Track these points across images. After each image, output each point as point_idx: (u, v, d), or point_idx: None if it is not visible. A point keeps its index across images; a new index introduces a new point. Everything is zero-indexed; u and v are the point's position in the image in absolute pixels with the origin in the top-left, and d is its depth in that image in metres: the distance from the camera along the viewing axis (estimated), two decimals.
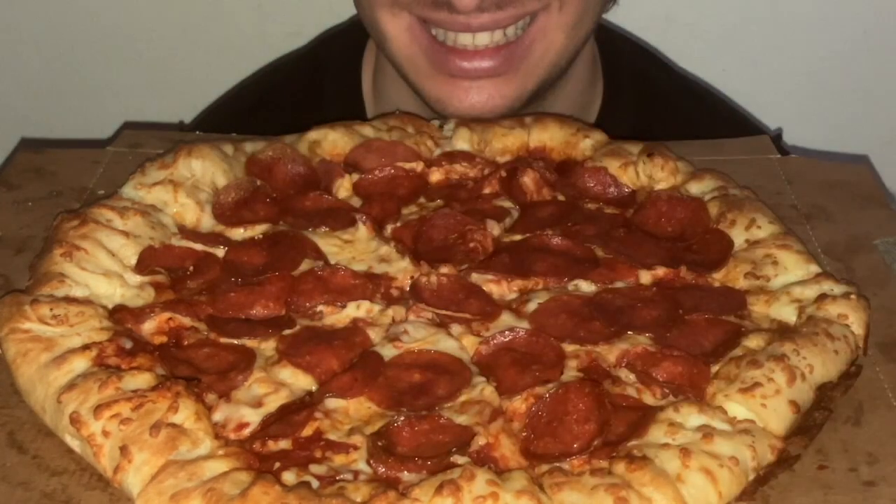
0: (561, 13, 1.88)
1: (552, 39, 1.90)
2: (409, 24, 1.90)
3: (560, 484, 1.13)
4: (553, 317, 1.39)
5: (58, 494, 1.18)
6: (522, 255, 1.50)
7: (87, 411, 1.19)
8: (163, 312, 1.36)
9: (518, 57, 1.89)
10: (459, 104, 1.88)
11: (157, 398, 1.19)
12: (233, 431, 1.22)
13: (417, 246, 1.52)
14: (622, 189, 1.65)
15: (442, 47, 1.89)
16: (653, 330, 1.37)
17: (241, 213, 1.56)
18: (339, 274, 1.45)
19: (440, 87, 1.91)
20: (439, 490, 1.10)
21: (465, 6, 1.78)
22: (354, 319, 1.40)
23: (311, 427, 1.22)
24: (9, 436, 1.25)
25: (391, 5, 1.89)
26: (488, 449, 1.20)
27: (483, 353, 1.34)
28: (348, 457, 1.19)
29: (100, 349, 1.27)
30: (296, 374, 1.30)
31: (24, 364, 1.28)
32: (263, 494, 1.09)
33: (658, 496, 1.13)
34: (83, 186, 1.67)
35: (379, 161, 1.67)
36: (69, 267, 1.39)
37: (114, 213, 1.48)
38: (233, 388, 1.27)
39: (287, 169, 1.65)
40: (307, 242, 1.51)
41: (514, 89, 1.91)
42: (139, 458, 1.15)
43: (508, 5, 1.83)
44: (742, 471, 1.17)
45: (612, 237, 1.54)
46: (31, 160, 1.73)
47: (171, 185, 1.55)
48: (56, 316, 1.31)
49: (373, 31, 2.00)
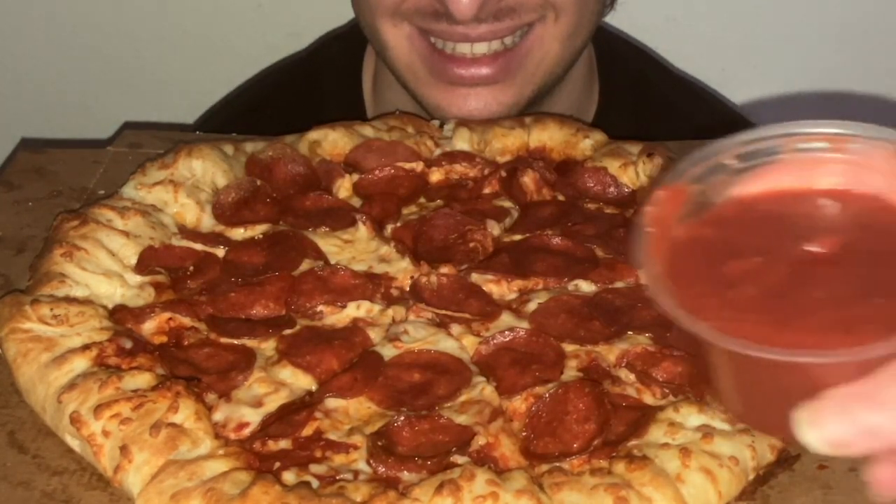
0: (556, 24, 1.91)
1: (548, 49, 1.94)
2: (409, 34, 1.93)
3: (560, 484, 1.13)
4: (553, 317, 1.39)
5: (58, 494, 1.18)
6: (522, 255, 1.50)
7: (88, 411, 1.19)
8: (163, 312, 1.36)
9: (515, 65, 1.92)
10: (458, 111, 1.91)
11: (157, 398, 1.20)
12: (233, 431, 1.22)
13: (417, 246, 1.52)
14: (622, 189, 1.65)
15: (441, 55, 1.92)
16: (653, 330, 1.37)
17: (241, 213, 1.56)
18: (340, 274, 1.45)
19: (439, 94, 1.94)
20: (439, 490, 1.10)
21: (464, 17, 1.81)
22: (354, 319, 1.40)
23: (311, 427, 1.22)
24: (9, 436, 1.25)
25: (392, 15, 1.92)
26: (488, 449, 1.20)
27: (483, 352, 1.34)
28: (348, 457, 1.19)
29: (100, 349, 1.27)
30: (296, 373, 1.30)
31: (24, 364, 1.28)
32: (263, 494, 1.10)
33: (658, 496, 1.13)
34: (83, 186, 1.67)
35: (379, 161, 1.67)
36: (69, 267, 1.39)
37: (114, 213, 1.48)
38: (233, 388, 1.27)
39: (287, 169, 1.65)
40: (307, 242, 1.51)
41: (511, 96, 1.94)
42: (139, 457, 1.15)
43: (506, 16, 1.87)
44: (742, 470, 1.17)
45: (612, 237, 1.54)
46: (32, 160, 1.73)
47: (171, 185, 1.55)
48: (56, 316, 1.31)
49: (373, 39, 2.03)
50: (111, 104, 2.70)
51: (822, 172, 0.98)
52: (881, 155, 0.95)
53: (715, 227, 0.98)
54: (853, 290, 0.89)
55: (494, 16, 1.85)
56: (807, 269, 0.91)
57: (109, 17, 2.68)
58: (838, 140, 0.97)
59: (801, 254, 0.93)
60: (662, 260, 0.94)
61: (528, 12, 1.88)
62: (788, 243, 0.94)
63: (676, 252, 0.96)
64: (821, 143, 0.98)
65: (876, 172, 0.96)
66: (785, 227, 0.97)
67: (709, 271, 0.94)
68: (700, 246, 0.97)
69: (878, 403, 0.80)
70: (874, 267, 0.91)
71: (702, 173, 1.00)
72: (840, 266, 0.91)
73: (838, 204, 0.97)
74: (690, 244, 0.97)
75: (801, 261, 0.92)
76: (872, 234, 0.94)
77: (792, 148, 0.99)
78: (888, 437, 0.80)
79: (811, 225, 0.96)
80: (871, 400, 0.80)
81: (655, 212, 0.97)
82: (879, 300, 0.87)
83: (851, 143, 0.96)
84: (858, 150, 0.96)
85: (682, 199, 0.99)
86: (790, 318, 0.87)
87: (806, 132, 0.98)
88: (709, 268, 0.94)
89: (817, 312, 0.87)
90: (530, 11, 1.88)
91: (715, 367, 0.93)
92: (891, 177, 0.95)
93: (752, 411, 0.90)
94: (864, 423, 0.80)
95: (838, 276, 0.91)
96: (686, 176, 0.99)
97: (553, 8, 1.89)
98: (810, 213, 0.98)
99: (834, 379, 0.82)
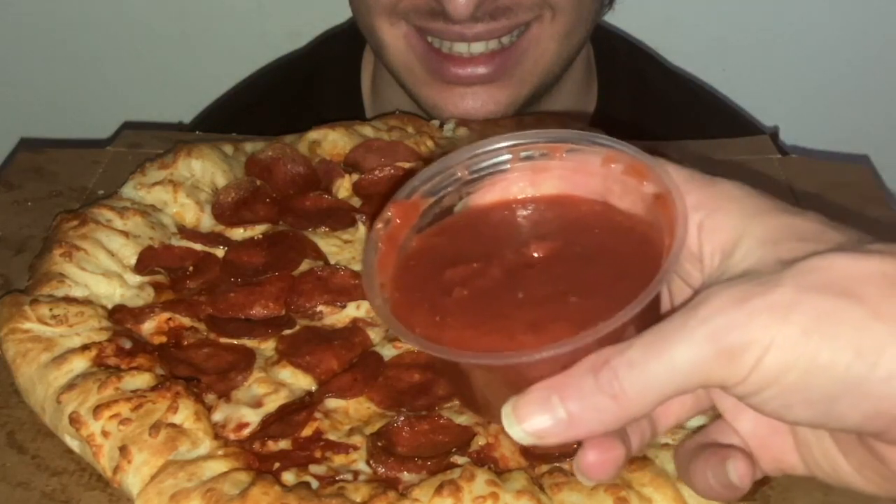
0: (553, 23, 1.91)
1: (545, 48, 1.93)
2: (406, 33, 1.93)
3: (560, 484, 1.13)
4: None
5: (57, 494, 1.18)
6: None
7: (87, 411, 1.19)
8: (162, 312, 1.36)
9: (512, 64, 1.92)
10: (455, 110, 1.91)
11: (156, 398, 1.19)
12: (232, 431, 1.22)
13: None
14: None
15: (437, 54, 1.92)
16: None
17: (240, 213, 1.56)
18: (339, 274, 1.45)
19: (436, 93, 1.94)
20: (439, 490, 1.10)
21: (460, 17, 1.80)
22: (354, 319, 1.40)
23: (310, 427, 1.22)
24: (8, 436, 1.25)
25: (389, 14, 1.91)
26: (488, 449, 1.20)
27: None
28: (348, 457, 1.19)
29: (99, 349, 1.27)
30: (296, 374, 1.30)
31: (23, 364, 1.27)
32: (263, 495, 1.09)
33: (658, 496, 1.12)
34: (83, 186, 1.67)
35: (379, 161, 1.66)
36: (69, 267, 1.38)
37: (113, 213, 1.47)
38: (232, 389, 1.27)
39: (287, 169, 1.64)
40: (307, 242, 1.50)
41: (508, 95, 1.93)
42: (139, 458, 1.15)
43: (502, 16, 1.86)
44: None
45: None
46: (31, 160, 1.73)
47: (170, 185, 1.55)
48: (56, 316, 1.31)
49: (370, 38, 2.03)
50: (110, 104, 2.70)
51: (546, 178, 1.02)
52: (596, 160, 0.99)
53: (444, 237, 1.02)
54: (552, 290, 0.92)
55: (491, 15, 1.85)
56: (517, 272, 0.95)
57: (109, 17, 2.67)
58: (556, 148, 1.01)
59: (516, 259, 0.96)
60: (391, 271, 0.97)
61: (525, 11, 1.88)
62: (507, 249, 0.97)
63: (406, 262, 0.99)
64: (541, 151, 1.01)
65: (592, 177, 1.00)
66: (507, 234, 1.00)
67: (430, 279, 0.96)
68: (427, 255, 1.00)
69: (572, 394, 0.84)
70: (579, 268, 0.94)
71: (434, 187, 1.03)
72: (546, 269, 0.95)
73: (558, 209, 1.01)
74: (419, 254, 1.00)
75: (514, 265, 0.95)
76: (585, 236, 0.98)
77: (517, 157, 1.02)
78: (585, 424, 0.84)
79: (531, 231, 1.00)
80: (565, 390, 0.84)
81: (385, 230, 0.99)
82: (574, 299, 0.90)
83: (568, 149, 1.00)
84: (575, 156, 1.00)
85: (416, 213, 1.01)
86: (486, 321, 0.90)
87: (527, 142, 1.01)
88: (431, 276, 0.97)
89: (512, 314, 0.90)
90: (527, 10, 1.88)
91: (460, 374, 0.95)
92: (606, 180, 0.99)
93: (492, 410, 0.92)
94: (560, 413, 0.84)
95: (541, 278, 0.94)
96: (418, 191, 1.02)
97: (550, 7, 1.88)
98: (533, 219, 1.01)
99: (535, 376, 0.86)
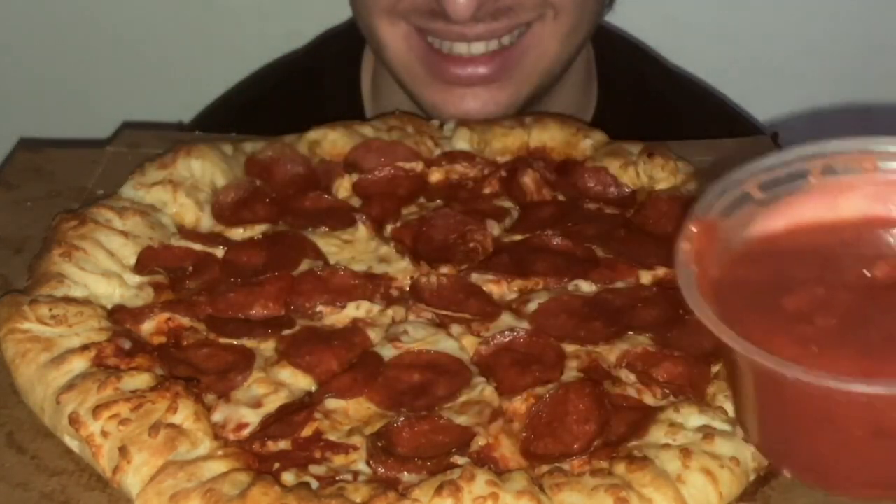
0: (555, 22, 1.90)
1: (546, 48, 1.93)
2: (406, 33, 1.93)
3: (560, 484, 1.13)
4: (553, 317, 1.39)
5: (57, 495, 1.17)
6: (522, 256, 1.50)
7: (86, 412, 1.19)
8: (162, 312, 1.36)
9: (512, 64, 1.92)
10: (455, 110, 1.90)
11: (156, 399, 1.19)
12: (232, 432, 1.22)
13: (417, 246, 1.52)
14: (622, 189, 1.65)
15: (438, 55, 1.91)
16: (653, 330, 1.36)
17: (240, 213, 1.56)
18: (339, 274, 1.45)
19: (436, 93, 1.94)
20: (439, 491, 1.10)
21: (461, 17, 1.80)
22: (354, 319, 1.39)
23: (310, 427, 1.22)
24: (8, 436, 1.25)
25: (389, 14, 1.91)
26: (488, 449, 1.20)
27: (483, 353, 1.34)
28: (348, 457, 1.19)
29: (99, 349, 1.27)
30: (295, 374, 1.30)
31: (23, 364, 1.27)
32: (263, 495, 1.09)
33: (658, 497, 1.12)
34: (82, 186, 1.66)
35: (379, 161, 1.66)
36: (68, 267, 1.38)
37: (113, 213, 1.47)
38: (232, 389, 1.27)
39: (287, 169, 1.64)
40: (307, 242, 1.50)
41: (509, 96, 1.93)
42: (138, 458, 1.15)
43: (503, 16, 1.86)
44: (743, 471, 1.17)
45: (613, 237, 1.53)
46: (30, 160, 1.72)
47: (170, 185, 1.55)
48: (55, 316, 1.30)
49: (370, 38, 2.02)
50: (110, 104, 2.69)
51: (849, 198, 0.94)
52: None
53: (750, 268, 0.96)
54: None
55: (492, 15, 1.85)
56: (874, 295, 0.88)
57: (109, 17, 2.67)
58: (867, 159, 0.93)
59: (858, 281, 0.89)
60: (710, 301, 0.92)
61: (527, 11, 1.88)
62: (840, 273, 0.91)
63: (720, 294, 0.94)
64: (848, 164, 0.94)
65: None
66: (828, 258, 0.93)
67: (764, 310, 0.90)
68: (741, 287, 0.94)
69: None
70: None
71: (727, 206, 0.98)
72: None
73: (878, 231, 0.94)
74: (731, 286, 0.95)
75: (862, 288, 0.89)
76: None
77: (817, 172, 0.96)
78: None
79: (855, 253, 0.93)
80: None
81: (690, 248, 0.95)
82: None
83: (882, 161, 0.93)
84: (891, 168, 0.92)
85: (714, 235, 0.97)
86: (879, 348, 0.83)
87: (830, 152, 0.95)
88: (762, 306, 0.91)
89: None
90: (528, 10, 1.88)
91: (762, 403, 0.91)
92: None
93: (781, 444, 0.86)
94: None
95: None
96: (714, 209, 0.98)
97: (552, 7, 1.88)
98: (849, 242, 0.94)
99: None
